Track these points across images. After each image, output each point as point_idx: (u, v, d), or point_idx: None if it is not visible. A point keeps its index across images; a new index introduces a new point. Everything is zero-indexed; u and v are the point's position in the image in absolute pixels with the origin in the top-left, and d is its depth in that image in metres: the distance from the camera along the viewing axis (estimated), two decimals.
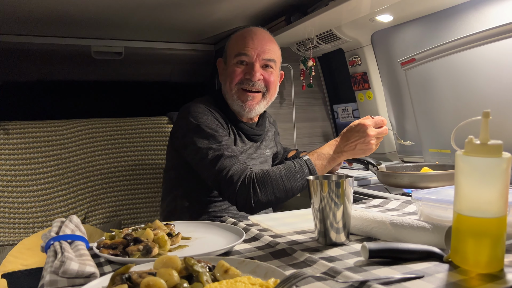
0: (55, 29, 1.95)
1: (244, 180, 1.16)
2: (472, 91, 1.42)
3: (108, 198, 1.89)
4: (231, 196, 1.18)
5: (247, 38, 1.38)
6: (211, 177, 1.22)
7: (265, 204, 1.16)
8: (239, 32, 1.43)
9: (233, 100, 1.39)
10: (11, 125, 1.80)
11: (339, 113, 2.37)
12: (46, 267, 0.72)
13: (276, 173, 1.16)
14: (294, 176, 1.17)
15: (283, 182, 1.16)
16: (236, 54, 1.37)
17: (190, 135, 1.28)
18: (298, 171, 1.17)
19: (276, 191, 1.15)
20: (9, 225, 1.70)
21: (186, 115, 1.33)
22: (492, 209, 0.64)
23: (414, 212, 1.07)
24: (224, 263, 0.64)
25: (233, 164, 1.19)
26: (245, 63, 1.38)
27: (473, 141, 0.64)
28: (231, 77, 1.38)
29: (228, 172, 1.18)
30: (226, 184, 1.18)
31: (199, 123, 1.29)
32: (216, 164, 1.20)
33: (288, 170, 1.17)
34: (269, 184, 1.15)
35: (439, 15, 1.63)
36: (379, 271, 0.67)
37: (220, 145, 1.24)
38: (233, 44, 1.41)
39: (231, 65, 1.39)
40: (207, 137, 1.26)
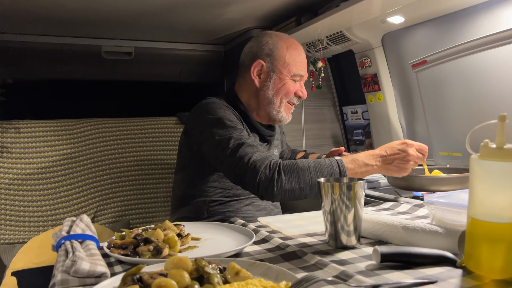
0: (66, 29, 1.97)
1: (268, 165, 1.14)
2: (484, 94, 1.40)
3: (117, 198, 1.90)
4: (253, 180, 1.13)
5: (302, 57, 1.45)
6: (232, 165, 1.19)
7: (288, 191, 1.11)
8: (291, 43, 1.45)
9: (279, 111, 1.44)
10: (22, 124, 1.81)
11: (348, 115, 2.36)
12: (57, 266, 0.72)
13: (304, 164, 1.13)
14: (322, 171, 1.12)
15: (310, 173, 1.11)
16: (296, 74, 1.42)
17: (210, 128, 1.28)
18: (327, 167, 1.12)
19: (301, 180, 1.11)
20: (19, 223, 1.71)
21: (204, 112, 1.34)
22: (507, 214, 0.63)
23: (425, 216, 1.06)
24: (235, 265, 0.63)
25: (255, 152, 1.19)
26: (297, 80, 1.45)
27: (489, 145, 0.63)
28: (287, 92, 1.42)
29: (250, 158, 1.16)
30: (248, 168, 1.15)
31: (219, 117, 1.29)
32: (238, 151, 1.19)
33: (317, 163, 1.13)
34: (295, 172, 1.11)
35: (451, 16, 1.62)
36: (391, 275, 0.67)
37: (241, 135, 1.24)
38: (291, 59, 1.42)
39: (287, 80, 1.42)
40: (227, 128, 1.26)
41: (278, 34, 1.48)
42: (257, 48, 1.45)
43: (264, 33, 1.49)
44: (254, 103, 1.46)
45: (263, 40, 1.46)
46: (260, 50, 1.44)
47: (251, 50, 1.47)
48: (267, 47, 1.44)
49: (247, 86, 1.46)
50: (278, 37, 1.46)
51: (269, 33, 1.48)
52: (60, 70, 2.24)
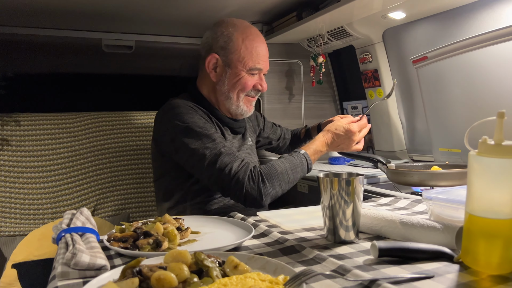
0: (67, 22, 1.96)
1: (250, 176, 1.16)
2: (485, 90, 1.40)
3: (117, 191, 1.91)
4: (239, 193, 1.16)
5: (260, 49, 1.39)
6: (212, 177, 1.19)
7: (274, 196, 1.19)
8: (248, 35, 1.37)
9: (238, 105, 1.40)
10: (22, 117, 1.81)
11: (348, 110, 2.36)
12: (57, 259, 0.72)
13: (281, 166, 1.20)
14: (296, 169, 1.23)
15: (287, 174, 1.20)
16: (251, 68, 1.37)
17: (180, 137, 1.25)
18: (299, 164, 1.24)
19: (282, 183, 1.19)
20: (20, 216, 1.72)
21: (171, 118, 1.29)
22: (504, 210, 0.63)
23: (424, 211, 1.06)
24: (234, 258, 0.64)
25: (234, 161, 1.18)
26: (255, 73, 1.39)
27: (487, 142, 0.63)
28: (243, 87, 1.38)
29: (231, 169, 1.17)
30: (231, 181, 1.16)
31: (187, 124, 1.25)
32: (216, 163, 1.18)
33: (291, 163, 1.22)
34: (276, 177, 1.18)
35: (453, 13, 1.61)
36: (388, 270, 0.67)
37: (215, 143, 1.22)
38: (246, 52, 1.36)
39: (243, 74, 1.37)
40: (199, 137, 1.23)
41: (235, 24, 1.39)
42: (212, 39, 1.39)
43: (221, 22, 1.41)
44: (214, 98, 1.42)
45: (218, 31, 1.38)
46: (215, 42, 1.38)
47: (207, 41, 1.41)
48: (221, 39, 1.37)
49: (206, 80, 1.42)
50: (235, 27, 1.38)
51: (226, 22, 1.40)
52: (60, 64, 2.23)
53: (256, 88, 1.41)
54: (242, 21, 1.42)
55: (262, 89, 1.42)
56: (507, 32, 1.28)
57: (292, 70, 2.32)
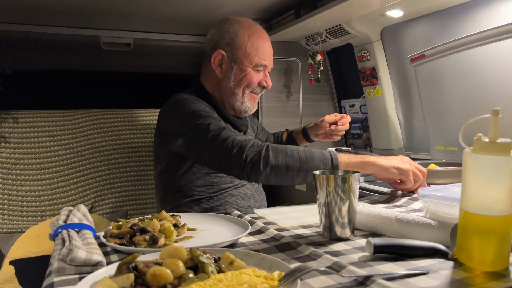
0: (65, 19, 1.96)
1: (254, 144, 1.13)
2: (482, 89, 1.40)
3: (115, 189, 1.91)
4: (238, 158, 1.11)
5: (266, 45, 1.41)
6: (215, 148, 1.16)
7: (275, 166, 1.08)
8: (253, 31, 1.40)
9: (243, 102, 1.42)
10: (20, 114, 1.81)
11: (346, 108, 2.36)
12: (54, 255, 0.73)
13: (294, 147, 1.12)
14: (311, 155, 1.10)
15: (298, 154, 1.09)
16: (258, 64, 1.39)
17: (187, 122, 1.26)
18: (317, 153, 1.11)
19: (289, 159, 1.08)
20: (17, 212, 1.72)
21: (177, 109, 1.32)
22: (499, 208, 0.63)
23: (420, 209, 1.07)
24: (230, 255, 0.64)
25: (237, 135, 1.18)
26: (261, 70, 1.41)
27: (482, 139, 0.64)
28: (249, 83, 1.40)
29: (234, 139, 1.15)
30: (233, 147, 1.13)
31: (193, 110, 1.27)
32: (219, 135, 1.17)
33: (307, 149, 1.12)
34: (283, 151, 1.10)
35: (450, 11, 1.62)
36: (383, 267, 0.68)
37: (220, 123, 1.23)
38: (252, 49, 1.38)
39: (249, 70, 1.39)
40: (205, 118, 1.24)
41: (240, 21, 1.42)
42: (218, 36, 1.40)
43: (226, 20, 1.43)
44: (218, 94, 1.44)
45: (223, 28, 1.40)
46: (220, 39, 1.40)
47: (212, 38, 1.42)
48: (227, 35, 1.39)
49: (210, 76, 1.44)
50: (240, 24, 1.40)
51: (231, 19, 1.42)
52: (58, 61, 2.23)
53: (261, 84, 1.43)
54: (246, 19, 1.44)
55: (267, 86, 1.44)
56: (505, 31, 1.28)
57: (290, 68, 2.32)
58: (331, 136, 1.62)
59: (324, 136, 1.64)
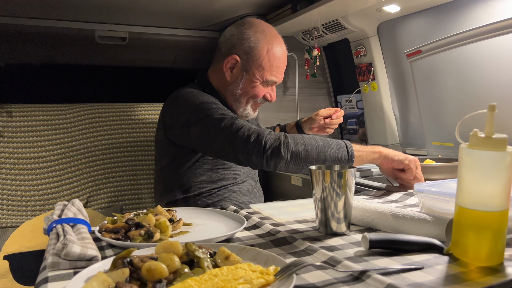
0: (60, 12, 1.94)
1: (270, 132, 1.13)
2: (478, 84, 1.41)
3: (110, 183, 1.90)
4: (258, 144, 1.10)
5: (281, 62, 1.40)
6: (229, 137, 1.15)
7: (295, 152, 1.09)
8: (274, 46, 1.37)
9: (245, 109, 1.43)
10: (14, 108, 1.80)
11: (342, 103, 2.36)
12: (48, 250, 0.72)
13: (310, 136, 1.14)
14: (329, 143, 1.12)
15: (316, 141, 1.11)
16: (269, 80, 1.38)
17: (197, 113, 1.24)
18: (334, 141, 1.13)
19: (308, 147, 1.10)
20: (12, 207, 1.71)
21: (184, 101, 1.30)
22: (494, 203, 0.63)
23: (415, 204, 1.07)
24: (225, 249, 0.64)
25: (251, 124, 1.18)
26: (270, 84, 1.41)
27: (478, 134, 0.64)
28: (254, 94, 1.39)
29: (249, 129, 1.14)
30: (250, 135, 1.11)
31: (203, 101, 1.26)
32: (233, 124, 1.16)
33: (324, 139, 1.14)
34: (301, 139, 1.11)
35: (447, 6, 1.61)
36: (379, 262, 0.68)
37: (231, 113, 1.22)
38: (268, 64, 1.36)
39: (258, 84, 1.38)
40: (215, 109, 1.23)
41: (264, 30, 1.37)
42: (237, 40, 1.36)
43: (251, 23, 1.38)
44: (224, 92, 1.43)
45: (245, 33, 1.36)
46: (239, 44, 1.36)
47: (231, 39, 1.38)
48: (247, 43, 1.35)
49: (219, 74, 1.42)
50: (263, 34, 1.36)
51: (256, 25, 1.38)
52: (53, 54, 2.21)
53: (265, 98, 1.43)
54: (271, 28, 1.41)
55: (271, 100, 1.45)
56: (501, 26, 1.28)
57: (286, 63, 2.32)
58: (325, 130, 1.62)
59: (318, 130, 1.64)
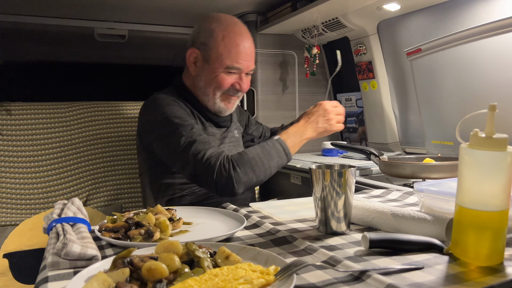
0: (59, 10, 1.93)
1: (222, 162, 1.14)
2: (478, 83, 1.40)
3: (109, 182, 1.90)
4: (210, 180, 1.14)
5: (241, 48, 1.33)
6: (186, 164, 1.18)
7: (246, 183, 1.15)
8: (229, 32, 1.33)
9: (215, 103, 1.38)
10: (13, 106, 1.79)
11: (342, 102, 2.35)
12: (48, 249, 0.72)
13: (253, 152, 1.17)
14: (269, 154, 1.18)
15: (261, 159, 1.16)
16: (228, 67, 1.33)
17: (158, 128, 1.26)
18: (272, 149, 1.19)
19: (255, 168, 1.15)
20: (11, 205, 1.71)
21: (151, 111, 1.31)
22: (494, 203, 0.64)
23: (415, 203, 1.07)
24: (225, 249, 0.64)
25: (208, 148, 1.17)
26: (234, 72, 1.35)
27: (478, 134, 0.64)
28: (219, 85, 1.34)
29: (203, 155, 1.15)
30: (203, 167, 1.15)
31: (166, 116, 1.26)
32: (190, 149, 1.17)
33: (263, 148, 1.19)
34: (247, 163, 1.15)
35: (447, 5, 1.61)
36: (379, 261, 0.68)
37: (191, 132, 1.22)
38: (224, 50, 1.32)
39: (219, 72, 1.33)
40: (176, 127, 1.23)
41: (220, 19, 1.36)
42: (196, 33, 1.38)
43: (207, 17, 1.38)
44: (195, 92, 1.41)
45: (202, 26, 1.37)
46: (197, 37, 1.37)
47: (192, 34, 1.39)
48: (203, 34, 1.35)
49: (188, 73, 1.42)
50: (219, 23, 1.35)
51: (212, 17, 1.37)
52: (52, 52, 2.21)
53: (234, 87, 1.37)
54: (229, 18, 1.38)
55: (241, 89, 1.37)
56: (502, 25, 1.28)
57: (286, 61, 2.31)
58: None
59: None
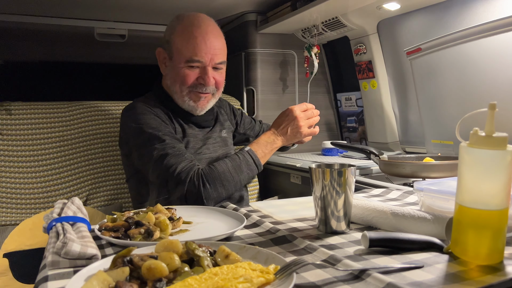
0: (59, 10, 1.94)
1: (192, 177, 1.15)
2: (478, 82, 1.40)
3: (109, 181, 1.90)
4: (181, 196, 1.16)
5: (199, 40, 1.29)
6: (159, 177, 1.20)
7: (216, 198, 1.17)
8: (187, 26, 1.31)
9: (184, 101, 1.35)
10: (13, 106, 1.79)
11: (342, 101, 2.35)
12: (48, 248, 0.72)
13: (223, 167, 1.18)
14: (239, 167, 1.20)
15: (230, 174, 1.18)
16: (188, 60, 1.29)
17: (133, 139, 1.27)
18: (243, 162, 1.21)
19: (225, 183, 1.17)
20: (11, 205, 1.71)
21: (127, 120, 1.32)
22: (494, 202, 0.64)
23: (415, 203, 1.07)
24: (225, 248, 0.64)
25: (180, 162, 1.18)
26: (196, 66, 1.32)
27: (478, 133, 0.64)
28: (182, 80, 1.32)
29: (175, 170, 1.16)
30: (174, 182, 1.16)
31: (140, 125, 1.26)
32: (162, 163, 1.18)
33: (233, 162, 1.20)
34: (217, 178, 1.16)
35: (447, 4, 1.61)
36: (379, 260, 0.68)
37: (164, 144, 1.22)
38: (182, 44, 1.30)
39: (181, 68, 1.31)
40: (149, 138, 1.23)
41: (184, 17, 1.34)
42: (164, 33, 1.39)
43: (175, 17, 1.37)
44: (170, 93, 1.40)
45: (168, 25, 1.37)
46: (164, 36, 1.38)
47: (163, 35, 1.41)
48: (167, 32, 1.36)
49: (163, 75, 1.42)
50: (181, 20, 1.33)
51: (177, 16, 1.36)
52: (52, 52, 2.21)
53: (199, 82, 1.32)
54: (192, 14, 1.36)
55: (204, 83, 1.32)
56: (501, 24, 1.28)
57: (286, 60, 2.31)
58: None
59: None
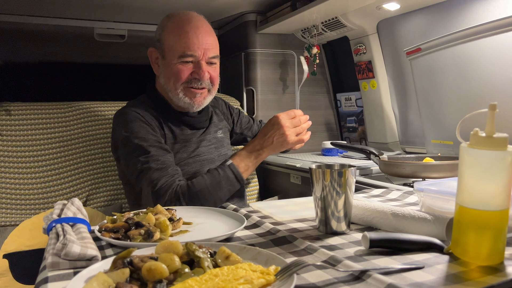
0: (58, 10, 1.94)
1: (170, 194, 1.15)
2: (478, 83, 1.40)
3: (109, 182, 1.90)
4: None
5: (191, 34, 1.29)
6: (142, 190, 1.22)
7: None
8: (177, 22, 1.32)
9: (179, 98, 1.34)
10: (13, 106, 1.79)
11: (342, 101, 2.35)
12: (48, 249, 0.72)
13: (201, 184, 1.16)
14: (219, 184, 1.17)
15: (209, 191, 1.16)
16: (181, 55, 1.29)
17: (121, 148, 1.29)
18: (223, 178, 1.18)
19: (203, 202, 1.15)
20: (11, 206, 1.71)
21: (116, 127, 1.33)
22: (495, 202, 0.63)
23: (415, 203, 1.07)
24: (226, 249, 0.64)
25: (161, 177, 1.18)
26: (190, 61, 1.31)
27: (479, 134, 0.64)
28: (176, 77, 1.31)
29: (155, 185, 1.17)
30: (154, 197, 1.17)
31: (127, 134, 1.26)
32: (144, 177, 1.19)
33: (212, 178, 1.18)
34: (195, 197, 1.15)
35: (447, 4, 1.61)
36: (379, 261, 0.68)
37: (149, 156, 1.21)
38: (174, 40, 1.30)
39: (175, 64, 1.30)
40: (135, 149, 1.23)
41: (174, 15, 1.34)
42: (155, 33, 1.39)
43: (165, 16, 1.38)
44: (164, 93, 1.39)
45: (159, 25, 1.38)
46: (155, 36, 1.38)
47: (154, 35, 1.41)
48: (158, 31, 1.36)
49: (157, 76, 1.42)
50: (169, 18, 1.34)
51: (167, 15, 1.37)
52: (51, 52, 2.21)
53: (194, 77, 1.31)
54: (183, 11, 1.36)
55: (199, 77, 1.31)
56: (501, 24, 1.28)
57: (286, 61, 2.31)
58: None
59: None
